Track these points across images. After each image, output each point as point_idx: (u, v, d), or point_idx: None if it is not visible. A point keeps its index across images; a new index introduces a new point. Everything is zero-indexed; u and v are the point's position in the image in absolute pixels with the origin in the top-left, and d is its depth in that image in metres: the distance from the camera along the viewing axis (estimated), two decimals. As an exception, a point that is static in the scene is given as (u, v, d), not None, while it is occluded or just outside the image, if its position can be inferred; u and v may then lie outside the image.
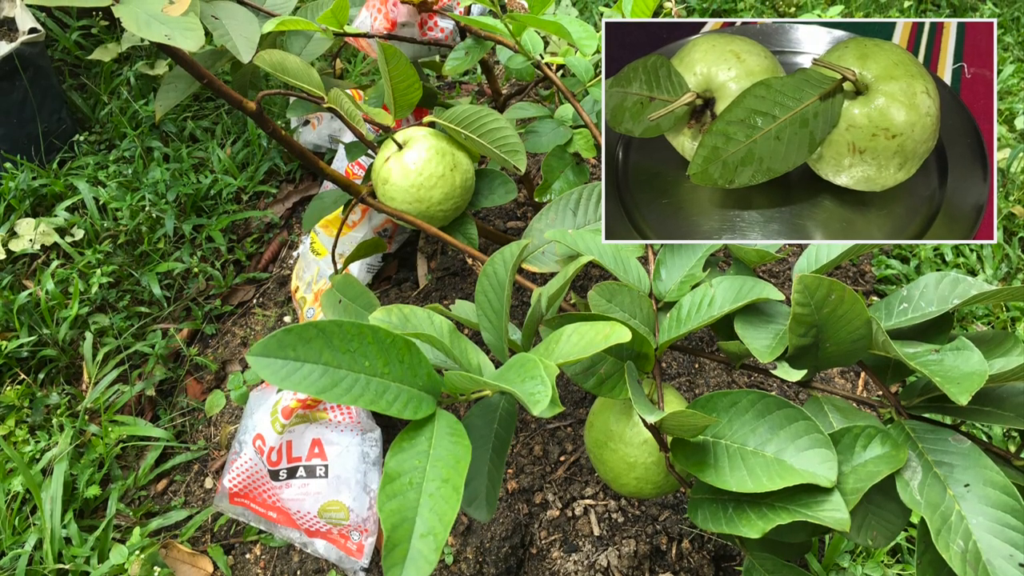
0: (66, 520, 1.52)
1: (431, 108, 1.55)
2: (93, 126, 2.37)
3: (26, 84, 2.13)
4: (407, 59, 1.22)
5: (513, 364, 0.75)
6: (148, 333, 1.89)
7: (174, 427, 1.74)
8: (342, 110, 1.23)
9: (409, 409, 0.73)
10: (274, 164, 2.28)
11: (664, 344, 0.94)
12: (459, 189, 1.27)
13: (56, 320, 1.84)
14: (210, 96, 2.49)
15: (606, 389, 0.91)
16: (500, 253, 0.95)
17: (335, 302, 1.34)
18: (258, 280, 2.04)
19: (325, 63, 2.31)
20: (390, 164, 1.25)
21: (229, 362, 1.87)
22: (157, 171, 2.14)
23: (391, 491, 0.68)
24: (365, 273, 1.87)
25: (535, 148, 1.38)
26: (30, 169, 2.13)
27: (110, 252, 1.98)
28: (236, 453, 1.49)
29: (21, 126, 2.16)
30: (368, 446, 1.47)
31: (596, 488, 1.52)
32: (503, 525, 1.47)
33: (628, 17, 1.24)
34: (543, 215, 1.21)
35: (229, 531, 1.57)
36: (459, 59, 1.38)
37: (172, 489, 1.65)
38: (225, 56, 1.51)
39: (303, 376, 0.68)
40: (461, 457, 0.71)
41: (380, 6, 1.39)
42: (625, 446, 0.97)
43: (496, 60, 2.45)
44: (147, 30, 1.08)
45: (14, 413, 1.67)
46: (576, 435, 1.61)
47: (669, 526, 1.46)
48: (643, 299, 0.99)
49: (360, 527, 1.45)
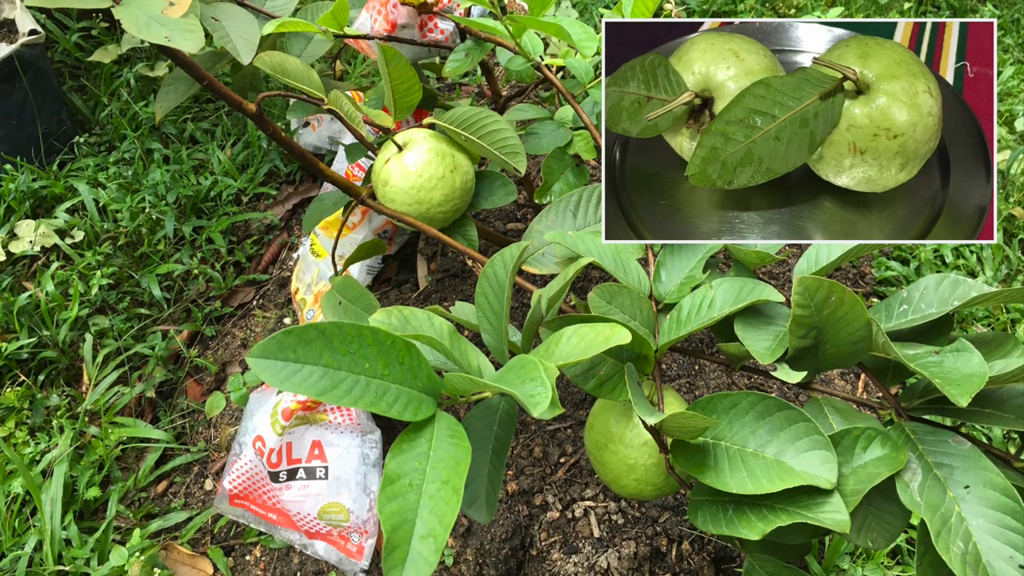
0: (66, 522, 1.52)
1: (431, 110, 1.55)
2: (93, 128, 2.37)
3: (26, 86, 2.13)
4: (407, 61, 1.22)
5: (513, 366, 0.75)
6: (148, 335, 1.89)
7: (174, 429, 1.74)
8: (342, 112, 1.23)
9: (409, 411, 0.73)
10: (274, 166, 2.28)
11: (664, 346, 0.94)
12: (459, 191, 1.27)
13: (56, 322, 1.84)
14: (210, 98, 2.49)
15: (606, 391, 0.90)
16: (500, 255, 0.95)
17: (335, 304, 1.34)
18: (258, 282, 2.04)
19: (325, 65, 2.31)
20: (390, 166, 1.25)
21: (229, 364, 1.87)
22: (157, 173, 2.14)
23: (391, 493, 0.68)
24: (365, 275, 1.87)
25: (535, 150, 1.38)
26: (30, 171, 2.13)
27: (110, 254, 1.98)
28: (236, 455, 1.49)
29: (21, 128, 2.16)
30: (368, 448, 1.47)
31: (596, 490, 1.52)
32: (503, 527, 1.47)
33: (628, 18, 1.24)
34: (543, 217, 1.21)
35: (229, 533, 1.57)
36: (459, 61, 1.38)
37: (172, 491, 1.65)
38: (225, 58, 1.51)
39: (303, 378, 0.68)
40: (461, 459, 0.71)
41: (380, 8, 1.39)
42: (625, 448, 0.97)
43: (496, 62, 2.45)
44: (147, 32, 1.08)
45: (14, 415, 1.67)
46: (576, 437, 1.61)
47: (669, 528, 1.46)
48: (643, 301, 0.99)
49: (360, 529, 1.45)
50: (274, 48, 1.49)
